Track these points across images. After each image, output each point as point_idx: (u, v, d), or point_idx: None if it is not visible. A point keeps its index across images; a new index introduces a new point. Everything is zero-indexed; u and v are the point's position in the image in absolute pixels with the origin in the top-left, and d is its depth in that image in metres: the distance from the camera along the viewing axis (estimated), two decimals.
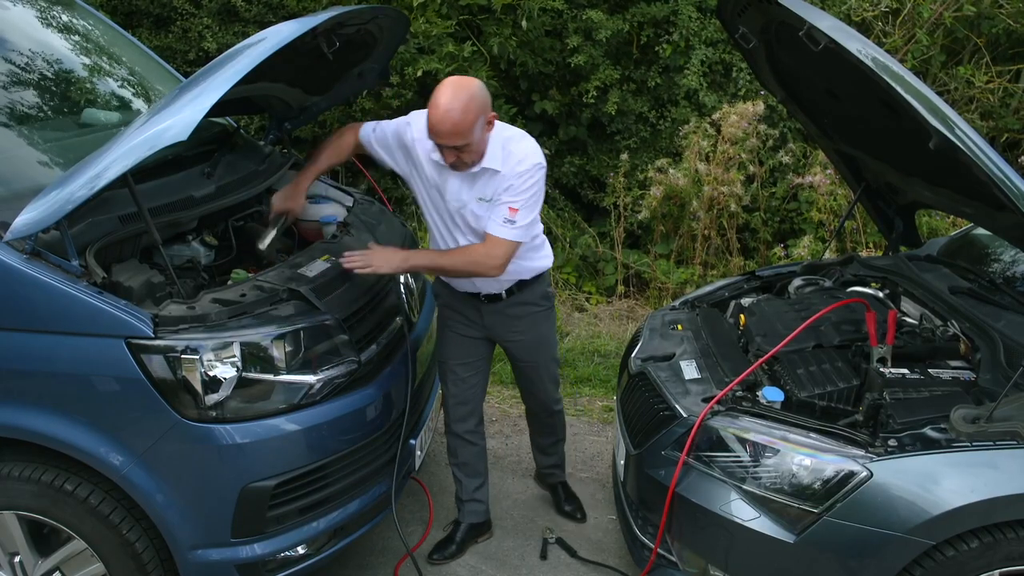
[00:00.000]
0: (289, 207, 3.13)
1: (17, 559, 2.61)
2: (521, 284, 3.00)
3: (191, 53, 6.77)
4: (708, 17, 5.97)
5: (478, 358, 3.16)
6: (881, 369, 2.62)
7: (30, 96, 3.02)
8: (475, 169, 2.75)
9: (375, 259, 2.79)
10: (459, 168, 2.73)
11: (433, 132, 2.63)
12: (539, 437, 3.50)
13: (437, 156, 2.75)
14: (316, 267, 2.80)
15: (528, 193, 2.75)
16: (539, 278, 3.05)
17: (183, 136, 2.19)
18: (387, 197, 6.81)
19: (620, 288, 5.89)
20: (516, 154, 2.75)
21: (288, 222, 3.17)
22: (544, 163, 2.81)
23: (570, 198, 6.64)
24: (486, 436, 3.36)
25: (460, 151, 2.65)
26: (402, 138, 2.92)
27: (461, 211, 2.83)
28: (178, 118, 2.22)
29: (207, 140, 3.29)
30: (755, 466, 2.46)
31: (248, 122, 6.41)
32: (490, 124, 2.70)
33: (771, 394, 2.63)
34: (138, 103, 3.49)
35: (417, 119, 2.85)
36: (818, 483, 2.35)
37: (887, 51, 3.48)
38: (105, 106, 3.33)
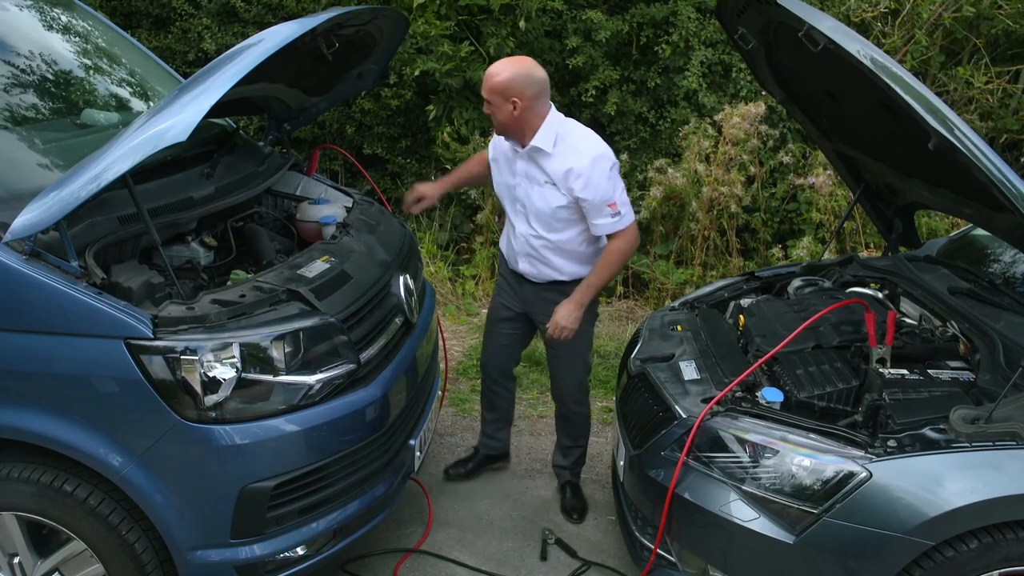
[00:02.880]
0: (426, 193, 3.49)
1: (16, 560, 2.61)
2: (558, 283, 3.24)
3: (190, 54, 6.78)
4: (707, 18, 5.97)
5: (514, 330, 3.48)
6: (880, 370, 2.62)
7: (29, 97, 3.02)
8: (527, 147, 3.05)
9: (565, 324, 3.12)
10: (495, 127, 3.11)
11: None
12: (561, 435, 3.62)
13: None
14: (316, 268, 2.80)
15: (609, 184, 3.00)
16: (575, 281, 3.20)
17: (183, 137, 2.19)
18: (387, 198, 6.83)
19: (619, 289, 5.89)
20: (571, 143, 3.01)
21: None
22: (607, 154, 3.03)
23: None
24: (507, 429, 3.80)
25: (489, 103, 3.02)
26: (493, 147, 3.32)
27: (527, 190, 3.12)
28: (178, 119, 2.21)
29: (206, 141, 3.29)
30: (755, 467, 2.46)
31: (247, 123, 6.42)
32: (515, 106, 2.95)
33: (770, 395, 2.63)
34: (137, 104, 3.49)
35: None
36: (817, 484, 2.36)
37: (886, 52, 3.49)
38: (104, 107, 3.33)
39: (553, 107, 3.09)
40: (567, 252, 3.17)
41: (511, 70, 2.95)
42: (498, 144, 3.27)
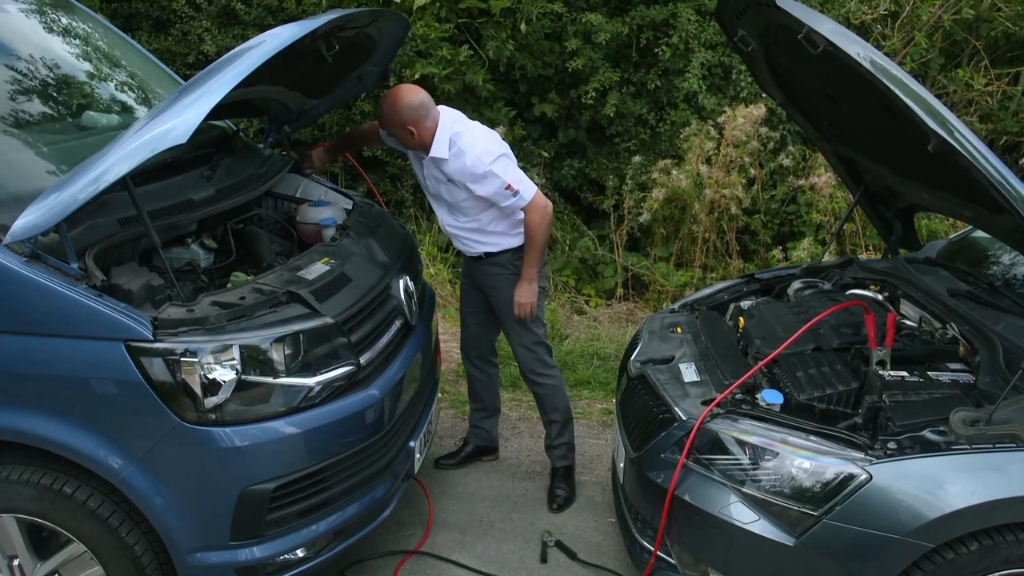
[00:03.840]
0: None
1: (16, 562, 2.60)
2: (490, 254, 3.48)
3: (190, 56, 6.78)
4: (707, 20, 5.98)
5: (478, 308, 3.70)
6: (880, 372, 2.62)
7: (30, 99, 3.02)
8: (428, 157, 3.30)
9: (524, 300, 3.42)
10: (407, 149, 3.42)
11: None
12: (540, 413, 3.75)
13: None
14: (316, 270, 2.80)
15: (498, 173, 3.23)
16: (505, 252, 3.46)
17: (183, 139, 2.19)
18: (385, 200, 6.83)
19: (619, 291, 5.89)
20: (461, 145, 3.24)
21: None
22: (489, 148, 3.26)
23: (569, 201, 6.64)
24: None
25: (394, 137, 3.36)
26: None
27: (436, 187, 3.42)
28: (178, 121, 2.21)
29: (206, 143, 3.29)
30: (754, 469, 2.46)
31: (248, 125, 6.42)
32: (412, 132, 3.22)
33: (770, 397, 2.63)
34: (137, 106, 3.49)
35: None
36: (818, 486, 2.36)
37: (886, 54, 3.49)
38: (104, 109, 3.33)
39: (442, 110, 3.30)
40: (488, 231, 3.42)
41: (399, 104, 3.19)
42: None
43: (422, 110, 3.21)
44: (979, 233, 3.49)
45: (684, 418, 2.63)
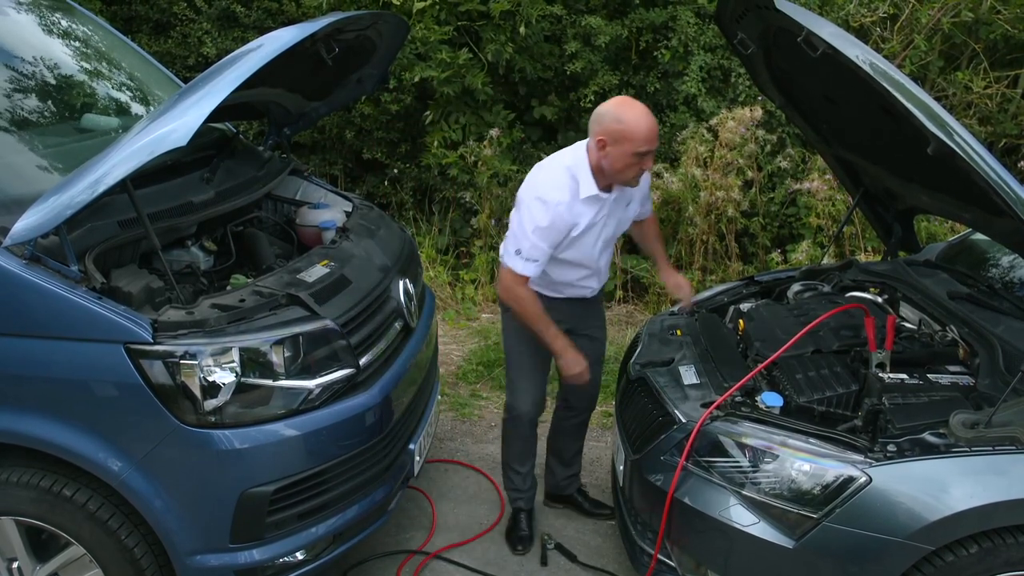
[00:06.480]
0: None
1: (16, 565, 2.60)
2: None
3: (190, 58, 6.79)
4: (707, 23, 5.98)
5: None
6: (880, 374, 2.62)
7: (29, 101, 3.02)
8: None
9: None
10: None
11: (653, 138, 2.90)
12: (571, 443, 3.53)
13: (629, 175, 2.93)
14: (315, 272, 2.80)
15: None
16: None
17: (183, 141, 2.19)
18: (386, 203, 6.83)
19: (619, 293, 5.89)
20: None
21: None
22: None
23: None
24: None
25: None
26: (567, 219, 2.91)
27: (616, 228, 3.11)
28: (178, 123, 2.22)
29: (206, 145, 3.29)
30: (754, 471, 2.46)
31: (247, 127, 6.42)
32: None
33: (770, 399, 2.63)
34: (137, 108, 3.49)
35: (560, 191, 2.90)
36: (817, 488, 2.35)
37: (885, 57, 3.49)
38: (104, 111, 3.33)
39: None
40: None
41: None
42: (579, 206, 2.95)
43: None
44: (979, 236, 3.49)
45: (684, 420, 2.63)
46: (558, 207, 2.85)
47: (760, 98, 5.61)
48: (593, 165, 2.92)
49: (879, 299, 3.20)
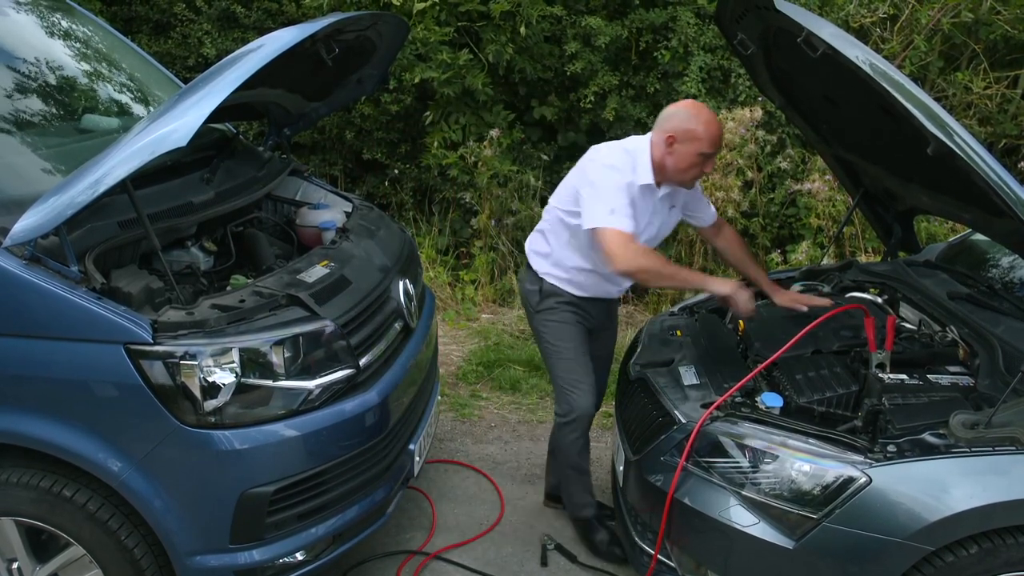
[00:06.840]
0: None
1: (15, 565, 2.60)
2: None
3: (190, 59, 6.79)
4: (706, 23, 5.98)
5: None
6: (880, 375, 2.62)
7: (30, 102, 3.02)
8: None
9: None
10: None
11: (719, 142, 2.95)
12: None
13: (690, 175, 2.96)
14: (315, 273, 2.80)
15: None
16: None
17: (183, 142, 2.19)
18: (386, 203, 6.83)
19: None
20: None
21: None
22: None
23: None
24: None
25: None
26: (629, 193, 2.92)
27: (658, 230, 3.14)
28: (178, 123, 2.22)
29: (206, 146, 3.29)
30: (754, 472, 2.46)
31: (247, 128, 6.42)
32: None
33: (770, 400, 2.63)
34: (137, 109, 3.49)
35: (624, 166, 2.96)
36: (817, 489, 2.35)
37: (885, 57, 3.49)
38: (104, 112, 3.33)
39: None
40: None
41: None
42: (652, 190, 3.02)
43: None
44: (978, 236, 3.49)
45: (684, 421, 2.63)
46: (624, 176, 2.90)
47: (760, 99, 5.61)
48: (655, 160, 2.95)
49: (879, 299, 3.20)
